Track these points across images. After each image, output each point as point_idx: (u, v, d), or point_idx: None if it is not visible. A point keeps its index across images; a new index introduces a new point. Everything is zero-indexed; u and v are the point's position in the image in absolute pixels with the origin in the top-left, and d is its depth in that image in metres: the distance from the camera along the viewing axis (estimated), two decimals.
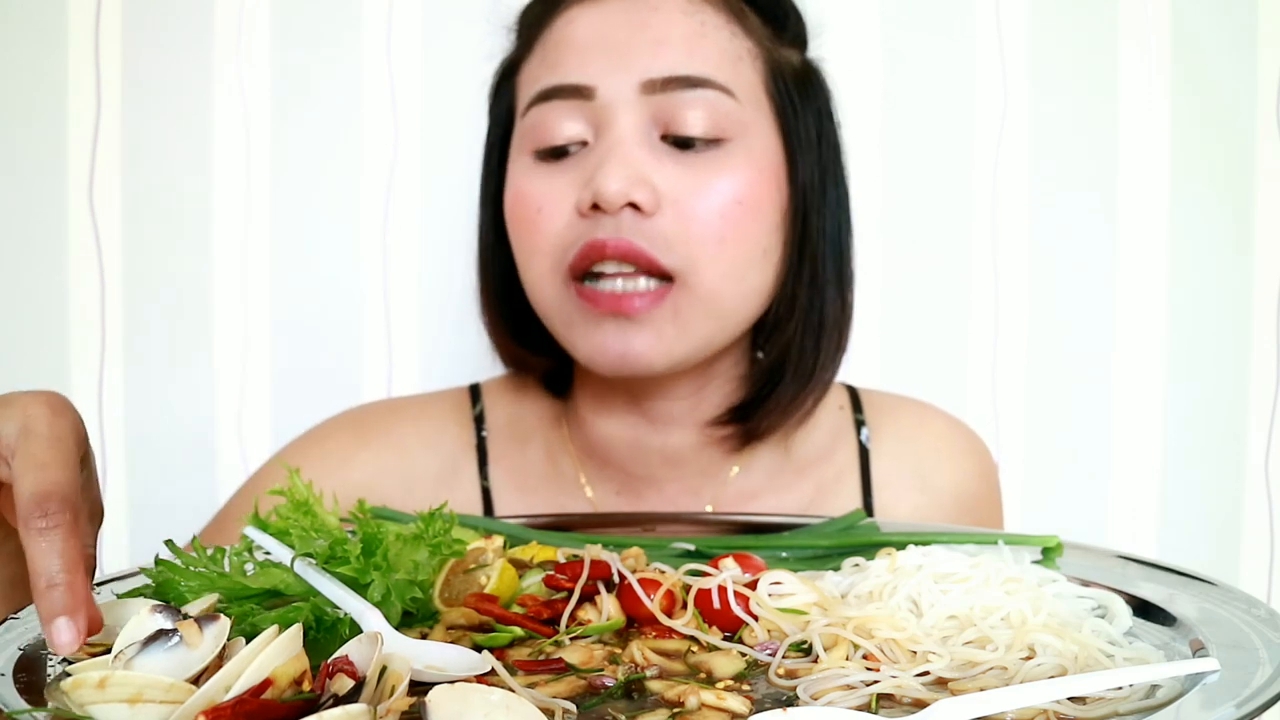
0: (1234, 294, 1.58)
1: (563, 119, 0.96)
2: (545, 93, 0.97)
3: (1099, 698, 0.61)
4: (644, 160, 0.94)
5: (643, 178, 0.93)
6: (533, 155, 0.98)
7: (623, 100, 0.94)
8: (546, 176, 0.97)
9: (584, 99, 0.95)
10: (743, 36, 0.99)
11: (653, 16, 0.96)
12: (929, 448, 1.14)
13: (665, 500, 1.08)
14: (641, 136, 0.95)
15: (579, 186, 0.95)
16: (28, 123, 1.47)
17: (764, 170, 0.98)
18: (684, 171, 0.95)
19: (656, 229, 0.94)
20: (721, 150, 0.96)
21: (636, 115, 0.94)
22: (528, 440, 1.12)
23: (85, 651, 0.62)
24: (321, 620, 0.69)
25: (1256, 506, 1.60)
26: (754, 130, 0.97)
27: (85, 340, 1.49)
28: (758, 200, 0.97)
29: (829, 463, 1.11)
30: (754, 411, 1.05)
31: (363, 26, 1.50)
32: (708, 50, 0.96)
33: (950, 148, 1.56)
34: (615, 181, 0.91)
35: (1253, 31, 1.55)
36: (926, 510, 1.11)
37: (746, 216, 0.96)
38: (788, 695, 0.63)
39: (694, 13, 0.97)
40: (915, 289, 1.57)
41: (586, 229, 0.94)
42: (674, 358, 0.97)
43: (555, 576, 0.77)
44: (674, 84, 0.94)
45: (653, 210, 0.93)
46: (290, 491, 0.76)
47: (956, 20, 1.55)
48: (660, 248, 0.94)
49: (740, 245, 0.96)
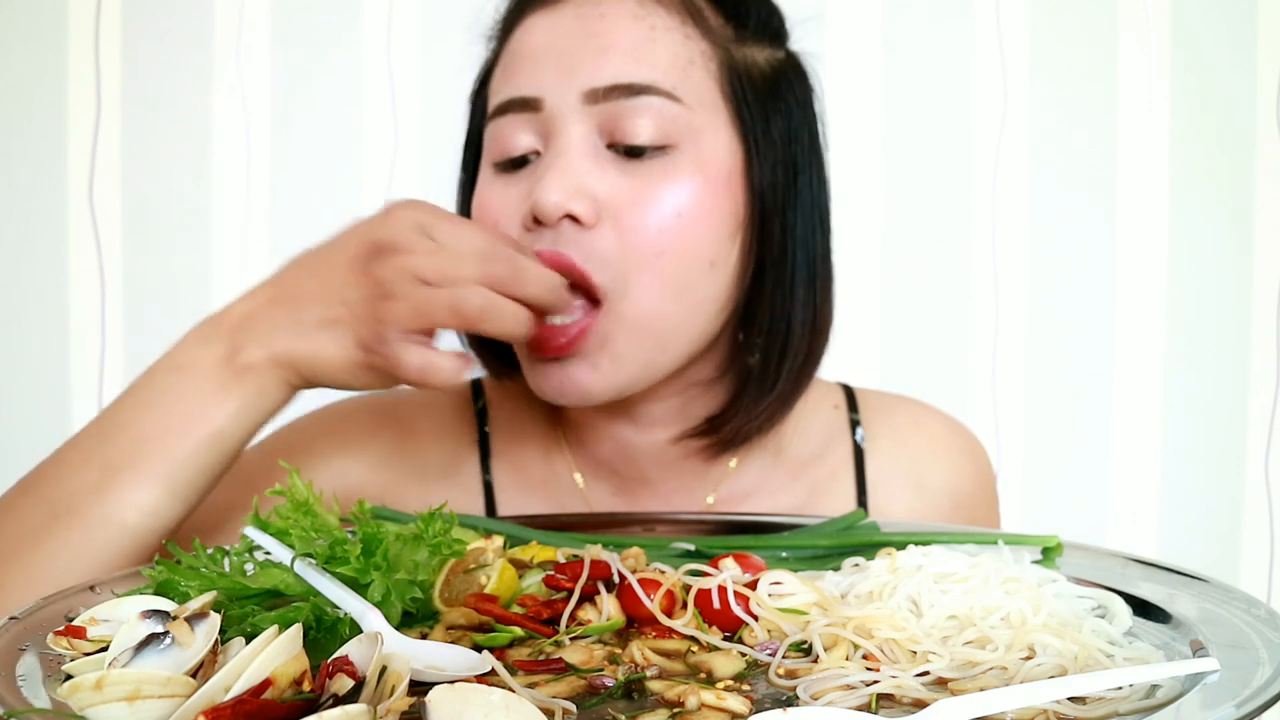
0: (1234, 294, 1.58)
1: (516, 131, 0.96)
2: (501, 106, 0.97)
3: (1099, 698, 0.61)
4: (586, 170, 0.92)
5: (582, 188, 0.92)
6: (493, 167, 0.98)
7: (568, 110, 0.93)
8: (503, 188, 0.97)
9: (533, 111, 0.95)
10: (697, 38, 0.96)
11: (600, 24, 0.94)
12: (924, 448, 1.13)
13: (660, 500, 1.08)
14: (587, 146, 0.93)
15: (526, 196, 0.95)
16: (28, 123, 1.47)
17: (713, 177, 0.95)
18: (627, 181, 0.93)
19: (593, 244, 0.92)
20: (667, 158, 0.93)
21: (582, 125, 0.93)
22: (526, 439, 1.12)
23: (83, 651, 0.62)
24: (321, 620, 0.69)
25: (1256, 506, 1.60)
26: (705, 135, 0.95)
27: (85, 340, 1.50)
28: (703, 210, 0.94)
29: (823, 463, 1.11)
30: (726, 421, 1.03)
31: (363, 26, 1.50)
32: (655, 55, 0.94)
33: (950, 147, 1.56)
34: (554, 193, 0.91)
35: (1253, 31, 1.55)
36: (921, 510, 1.10)
37: (688, 228, 0.93)
38: (788, 695, 0.63)
39: (643, 16, 0.95)
40: (915, 289, 1.57)
41: (528, 242, 0.94)
42: (616, 386, 0.96)
43: (555, 577, 0.77)
44: (617, 92, 0.92)
45: (592, 222, 0.92)
46: (290, 491, 0.76)
47: (956, 20, 1.55)
48: (594, 263, 0.92)
49: (680, 259, 0.93)
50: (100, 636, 0.64)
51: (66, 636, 0.64)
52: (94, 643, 0.64)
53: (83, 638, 0.64)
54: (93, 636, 0.64)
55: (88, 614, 0.66)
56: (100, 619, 0.66)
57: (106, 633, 0.64)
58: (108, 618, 0.66)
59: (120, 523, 0.85)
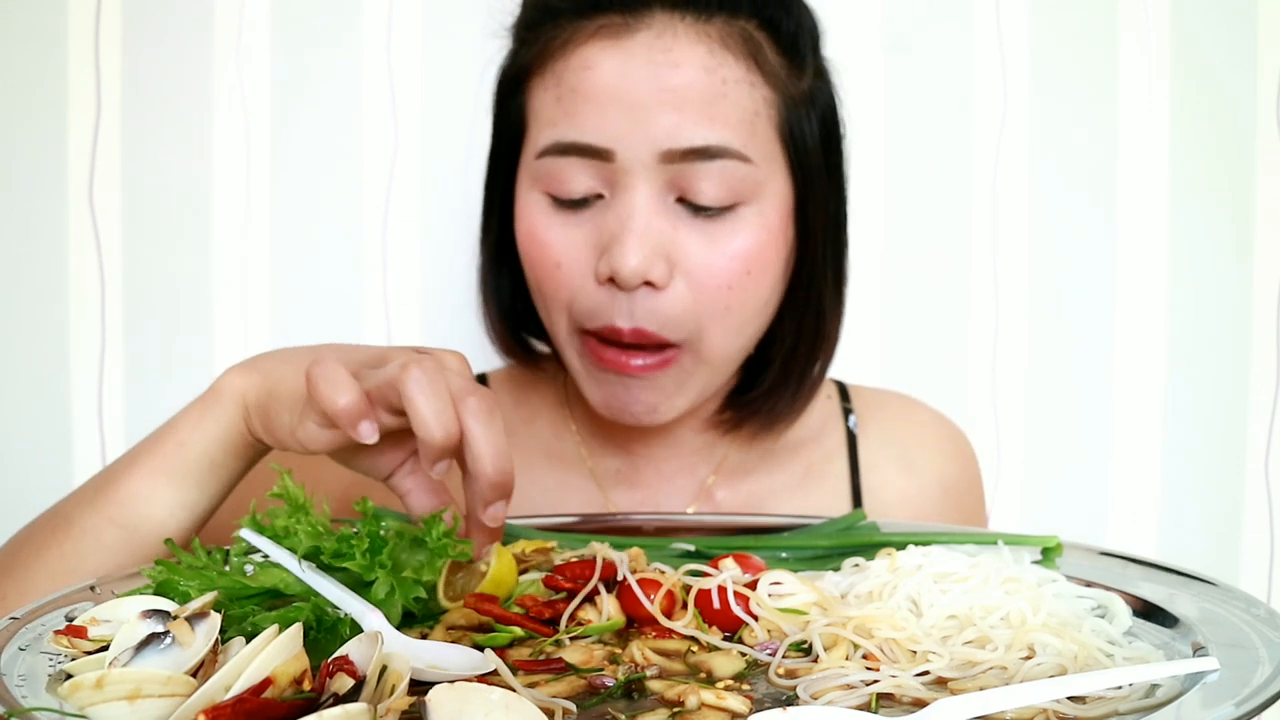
0: (1234, 294, 1.58)
1: (579, 174, 0.97)
2: (563, 147, 0.97)
3: (1099, 697, 0.61)
4: (660, 231, 0.96)
5: (658, 250, 0.96)
6: (549, 199, 1.00)
7: (640, 166, 0.95)
8: (564, 228, 0.99)
9: (602, 160, 0.96)
10: (760, 84, 0.98)
11: (672, 76, 0.95)
12: (914, 435, 1.18)
13: (663, 476, 1.13)
14: (657, 204, 0.96)
15: (595, 245, 0.98)
16: (28, 123, 1.47)
17: (773, 228, 1.00)
18: (697, 239, 0.97)
19: (668, 308, 0.97)
20: (734, 215, 0.98)
21: (653, 182, 0.96)
22: (533, 422, 1.17)
23: (84, 650, 0.62)
24: (321, 620, 0.69)
25: (1256, 506, 1.60)
26: (767, 188, 0.99)
27: (85, 340, 1.50)
28: (766, 262, 1.00)
29: (818, 445, 1.16)
30: (750, 411, 1.10)
31: (363, 26, 1.50)
32: (727, 114, 0.96)
33: (950, 148, 1.56)
34: (633, 258, 0.94)
35: (1253, 31, 1.55)
36: (913, 494, 1.15)
37: (754, 282, 0.99)
38: (788, 695, 0.63)
39: (714, 69, 0.96)
40: (915, 289, 1.57)
41: (604, 301, 0.97)
42: (676, 410, 1.03)
43: (555, 577, 0.77)
44: (693, 155, 0.95)
45: (665, 285, 0.96)
46: (286, 494, 0.76)
47: (956, 20, 1.55)
48: (670, 328, 0.97)
49: (744, 309, 1.00)
50: (101, 636, 0.64)
51: (67, 636, 0.64)
52: (94, 642, 0.64)
53: (83, 637, 0.64)
54: (93, 636, 0.64)
55: (88, 614, 0.67)
56: (101, 619, 0.66)
57: (107, 633, 0.64)
58: (108, 618, 0.66)
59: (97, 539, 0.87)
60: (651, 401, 1.01)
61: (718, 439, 1.14)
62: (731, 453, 1.14)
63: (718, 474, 1.13)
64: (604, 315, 0.98)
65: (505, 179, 1.05)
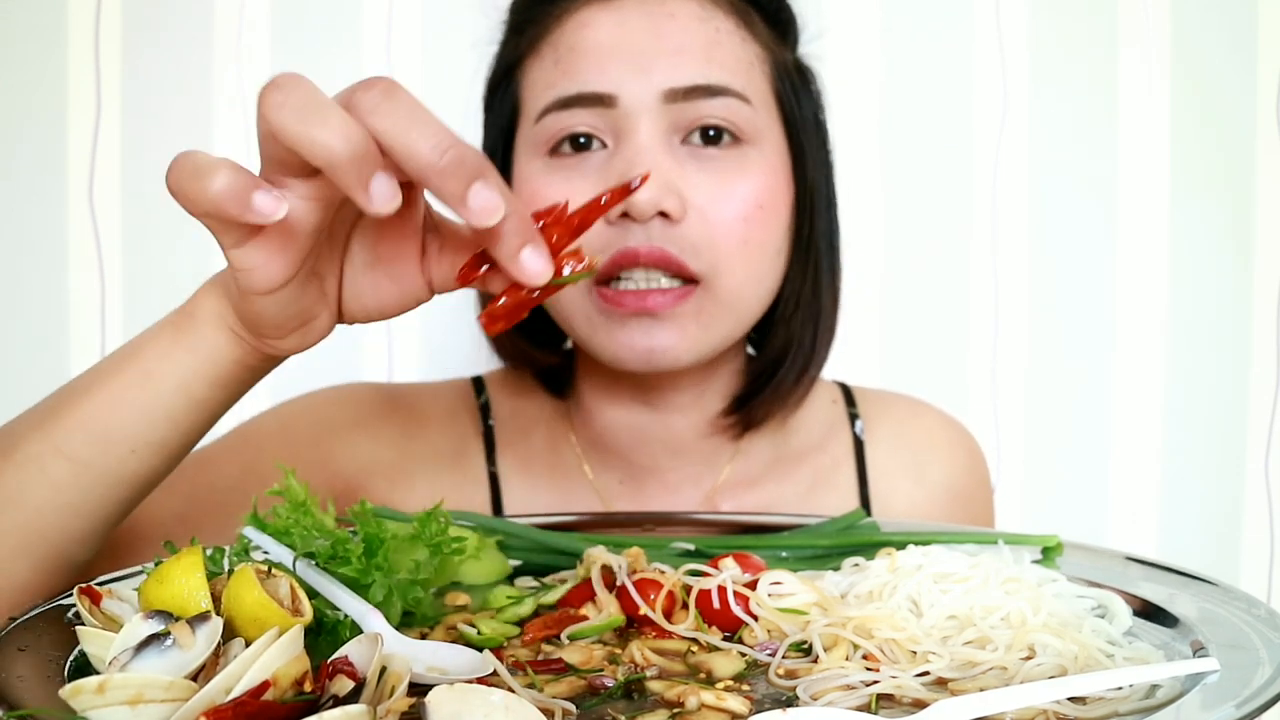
0: (1234, 294, 1.58)
1: (582, 124, 0.97)
2: (564, 100, 0.97)
3: (1099, 698, 0.61)
4: (670, 168, 0.96)
5: (669, 184, 0.95)
6: (546, 156, 0.99)
7: (645, 108, 0.96)
8: (566, 177, 0.98)
9: (605, 106, 0.96)
10: (752, 41, 1.01)
11: (669, 24, 0.97)
12: (923, 441, 1.16)
13: (667, 488, 1.10)
14: (663, 144, 0.96)
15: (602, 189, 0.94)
16: (28, 122, 1.47)
17: (777, 173, 1.01)
18: (706, 177, 0.97)
19: (684, 235, 0.96)
20: (740, 154, 0.98)
21: (659, 122, 0.96)
22: (531, 431, 1.14)
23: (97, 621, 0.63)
24: (322, 621, 0.69)
25: (1256, 506, 1.60)
26: (767, 134, 1.00)
27: (85, 340, 1.50)
28: (775, 203, 1.00)
29: (825, 453, 1.14)
30: (755, 400, 1.08)
31: (363, 26, 1.50)
32: (724, 58, 0.98)
33: (950, 147, 1.56)
34: (646, 190, 0.93)
35: (1253, 32, 1.55)
36: (922, 502, 1.13)
37: (766, 220, 0.99)
38: (788, 695, 0.63)
39: (708, 19, 0.98)
40: (915, 289, 1.57)
41: (615, 236, 0.96)
42: (698, 353, 1.00)
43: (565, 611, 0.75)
44: (696, 93, 0.96)
45: (680, 217, 0.95)
46: (288, 492, 0.76)
47: (956, 20, 1.55)
48: (689, 254, 0.96)
49: (761, 248, 0.99)
50: (111, 612, 0.65)
51: (87, 596, 0.65)
52: (105, 615, 0.64)
53: (98, 603, 0.65)
54: (105, 608, 0.65)
55: (106, 586, 0.67)
56: (118, 594, 0.67)
57: (117, 610, 0.65)
58: (122, 597, 0.66)
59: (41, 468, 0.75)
60: (671, 341, 0.97)
61: (723, 446, 1.11)
62: (736, 462, 1.11)
63: (723, 485, 1.10)
64: (616, 244, 0.95)
65: (503, 170, 1.03)
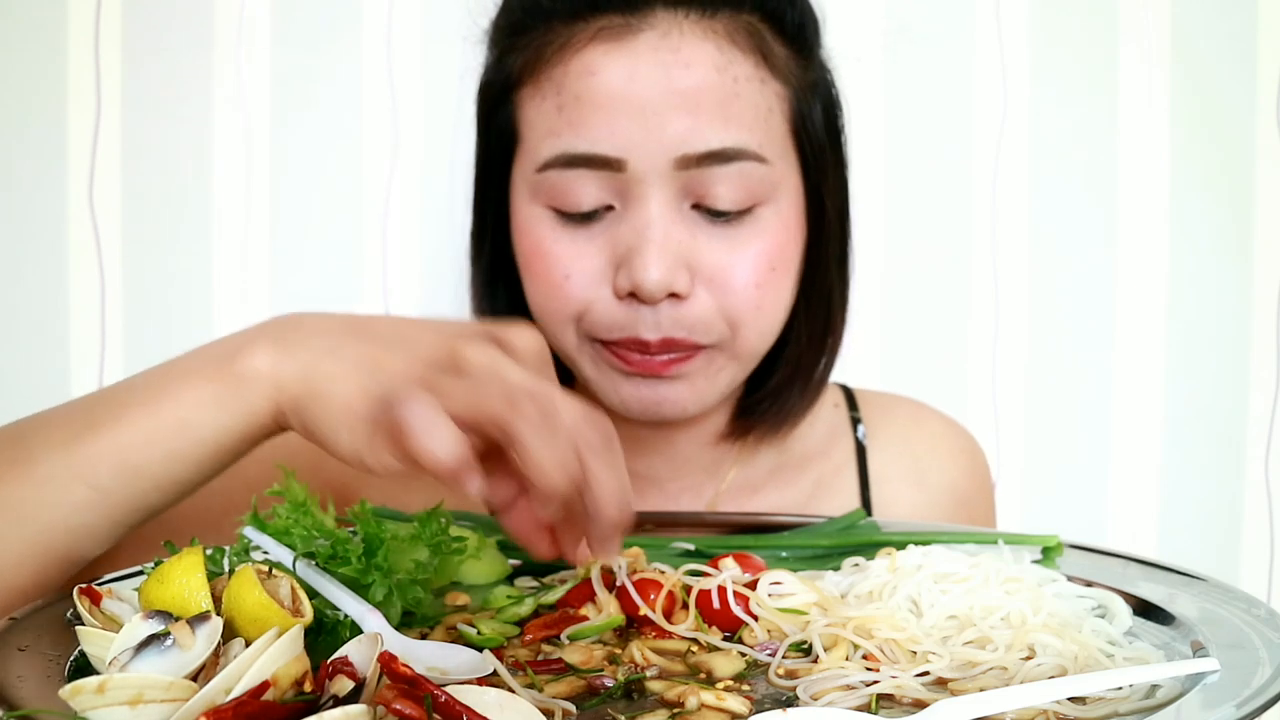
0: (1234, 294, 1.58)
1: (587, 186, 0.92)
2: (570, 159, 0.92)
3: (1099, 698, 0.61)
4: (679, 240, 0.92)
5: (679, 260, 0.92)
6: (555, 215, 0.95)
7: (654, 174, 0.91)
8: (571, 240, 0.94)
9: (614, 170, 0.91)
10: (771, 80, 0.95)
11: (684, 76, 0.90)
12: (925, 446, 1.15)
13: (668, 498, 1.09)
14: (673, 212, 0.92)
15: (610, 258, 0.93)
16: (28, 122, 1.47)
17: (790, 225, 0.97)
18: (717, 244, 0.93)
19: (694, 313, 0.93)
20: (753, 217, 0.94)
21: (668, 189, 0.91)
22: None
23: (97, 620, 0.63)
24: (322, 621, 0.69)
25: (1256, 506, 1.60)
26: (782, 185, 0.96)
27: (85, 340, 1.50)
28: (787, 260, 0.97)
29: (826, 459, 1.12)
30: (759, 414, 1.06)
31: (363, 27, 1.50)
32: (742, 113, 0.92)
33: (950, 148, 1.56)
34: (655, 271, 0.90)
35: (1253, 32, 1.55)
36: (924, 507, 1.12)
37: (778, 281, 0.96)
38: (788, 695, 0.63)
39: (725, 67, 0.91)
40: (915, 289, 1.57)
41: (623, 316, 0.93)
42: (705, 403, 0.98)
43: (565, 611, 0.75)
44: (710, 159, 0.91)
45: (689, 294, 0.93)
46: (288, 492, 0.76)
47: (956, 21, 1.55)
48: (699, 332, 0.94)
49: (774, 305, 0.97)
50: (111, 612, 0.65)
51: (86, 597, 0.64)
52: (105, 615, 0.64)
53: (98, 603, 0.64)
54: (105, 608, 0.65)
55: (106, 586, 0.67)
56: (118, 593, 0.67)
57: (117, 610, 0.65)
58: (122, 597, 0.66)
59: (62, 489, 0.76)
60: (678, 395, 0.96)
61: (724, 454, 1.09)
62: (738, 470, 1.10)
63: (724, 493, 1.09)
64: (626, 329, 0.93)
65: (498, 197, 1.00)
